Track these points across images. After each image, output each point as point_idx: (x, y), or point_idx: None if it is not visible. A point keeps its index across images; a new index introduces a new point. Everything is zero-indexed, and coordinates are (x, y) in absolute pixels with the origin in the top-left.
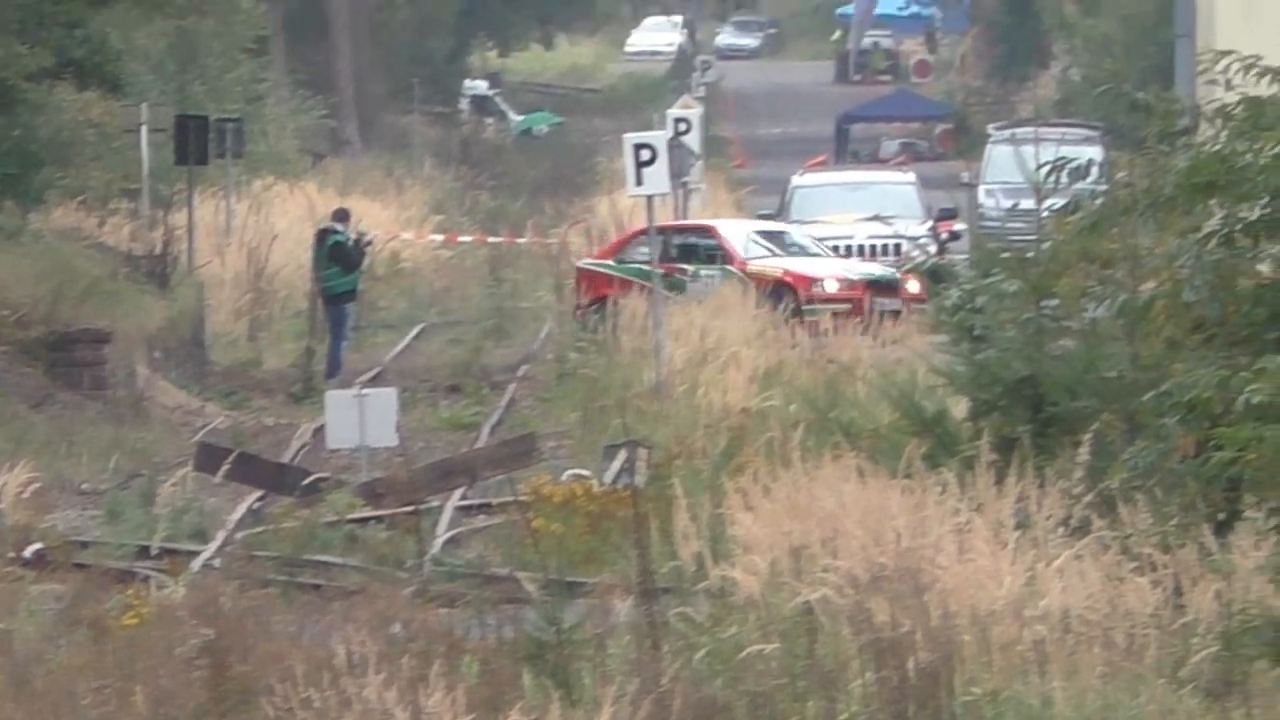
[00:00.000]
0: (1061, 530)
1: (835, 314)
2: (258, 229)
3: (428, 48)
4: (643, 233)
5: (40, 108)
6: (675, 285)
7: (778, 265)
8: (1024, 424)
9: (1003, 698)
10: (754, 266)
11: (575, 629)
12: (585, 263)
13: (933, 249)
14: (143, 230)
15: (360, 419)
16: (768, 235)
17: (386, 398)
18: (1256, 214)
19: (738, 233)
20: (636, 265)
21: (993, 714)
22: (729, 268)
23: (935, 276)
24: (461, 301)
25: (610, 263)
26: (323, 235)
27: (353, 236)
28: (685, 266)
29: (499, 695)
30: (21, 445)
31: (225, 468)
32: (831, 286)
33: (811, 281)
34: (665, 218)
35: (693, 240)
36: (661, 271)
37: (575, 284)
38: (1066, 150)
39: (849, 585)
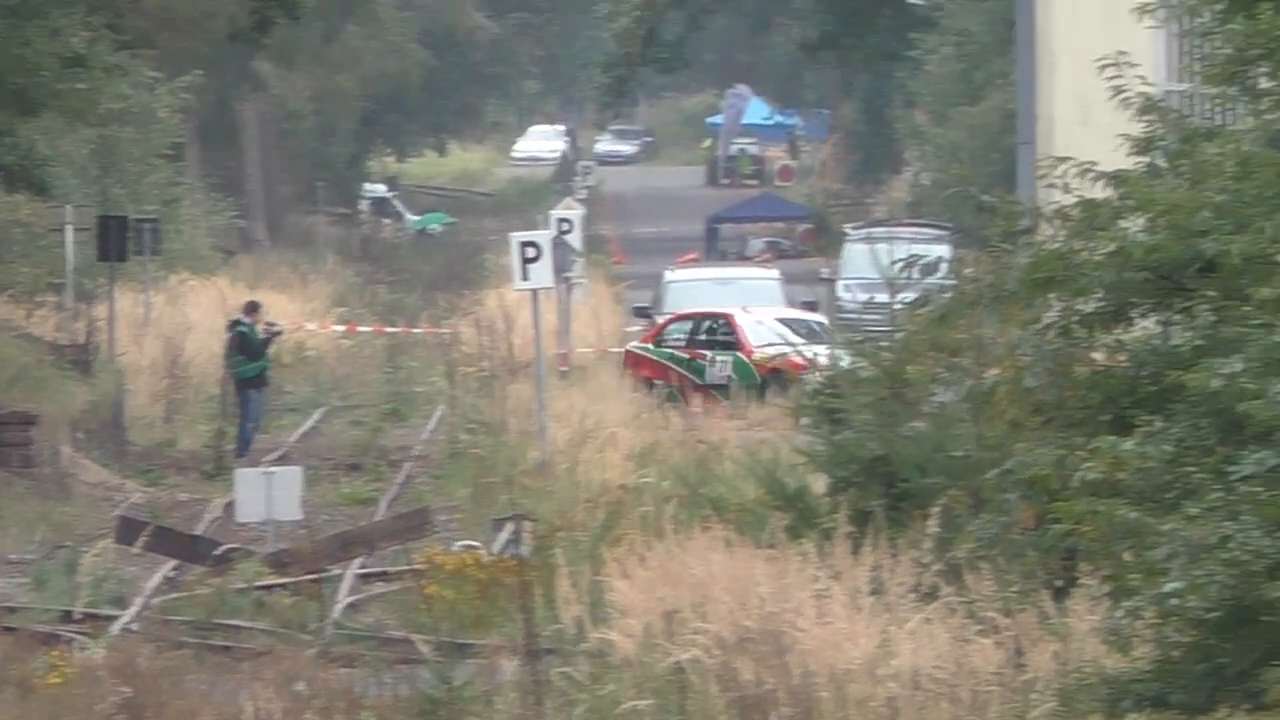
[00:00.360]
0: (912, 596)
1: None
2: (173, 320)
3: (330, 154)
4: (679, 318)
5: None
6: (696, 370)
7: (778, 353)
8: (878, 499)
9: None
10: (758, 354)
11: (465, 687)
12: (632, 346)
13: (796, 339)
14: (67, 321)
15: (267, 494)
16: (793, 323)
17: (292, 475)
18: (1092, 307)
19: (755, 321)
20: (669, 350)
21: None
22: (739, 354)
23: None
24: (361, 386)
25: (650, 347)
26: (231, 326)
27: (261, 327)
28: (705, 352)
29: None
30: None
31: (143, 539)
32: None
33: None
34: (550, 311)
35: (712, 326)
36: (687, 356)
37: (624, 363)
38: (917, 248)
39: (717, 646)
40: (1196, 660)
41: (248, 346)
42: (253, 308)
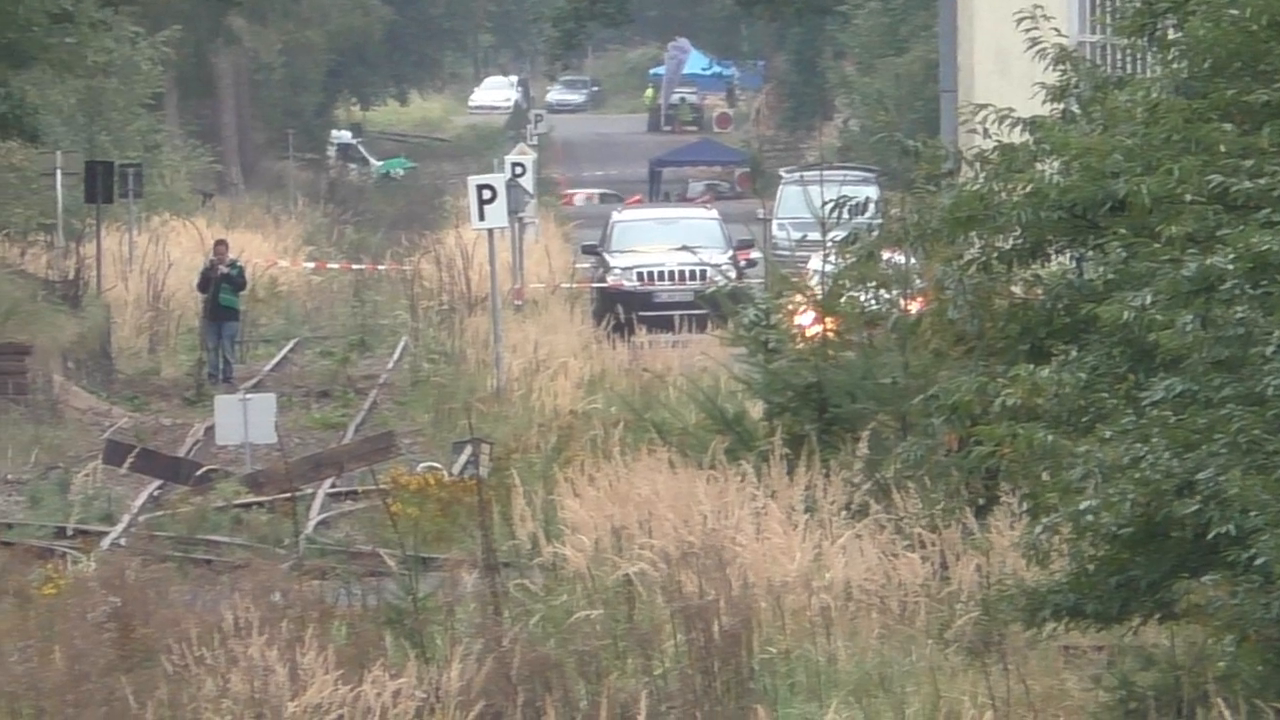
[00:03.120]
0: (844, 513)
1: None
2: (155, 258)
3: (299, 103)
4: None
5: None
6: None
7: None
8: (811, 423)
9: (794, 656)
10: None
11: (429, 598)
12: None
13: (733, 274)
14: (57, 259)
15: (244, 419)
16: None
17: (267, 401)
18: (1010, 244)
19: None
20: None
21: (785, 670)
22: None
23: (734, 297)
24: (330, 320)
25: None
26: (230, 265)
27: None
28: None
29: (364, 654)
30: None
31: (130, 461)
32: None
33: None
34: (504, 249)
35: None
36: None
37: None
38: (847, 190)
39: (662, 560)
40: (1110, 573)
41: (241, 282)
42: (224, 246)
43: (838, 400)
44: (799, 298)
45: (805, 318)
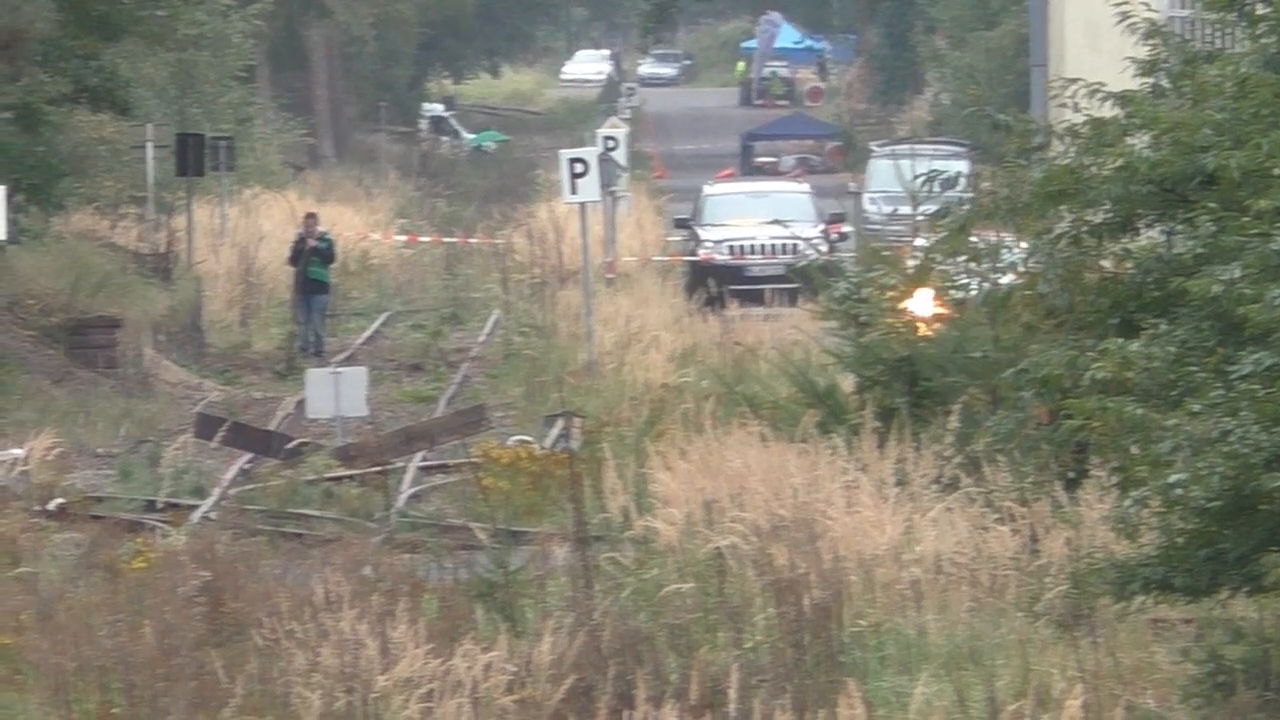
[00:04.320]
0: (934, 487)
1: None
2: (247, 231)
3: (392, 76)
4: None
5: (61, 127)
6: None
7: None
8: (902, 397)
9: (884, 629)
10: None
11: (520, 571)
12: None
13: (824, 248)
14: (148, 232)
15: (335, 393)
16: None
17: (358, 374)
18: (1100, 218)
19: None
20: None
21: (875, 643)
22: None
23: (826, 271)
24: (421, 293)
25: None
26: (320, 238)
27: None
28: None
29: (455, 628)
30: (45, 416)
31: (220, 434)
32: None
33: None
34: (597, 223)
35: None
36: None
37: None
38: (938, 164)
39: (753, 534)
40: (1199, 546)
41: (331, 255)
42: (314, 220)
43: (928, 374)
44: (894, 278)
45: (918, 303)
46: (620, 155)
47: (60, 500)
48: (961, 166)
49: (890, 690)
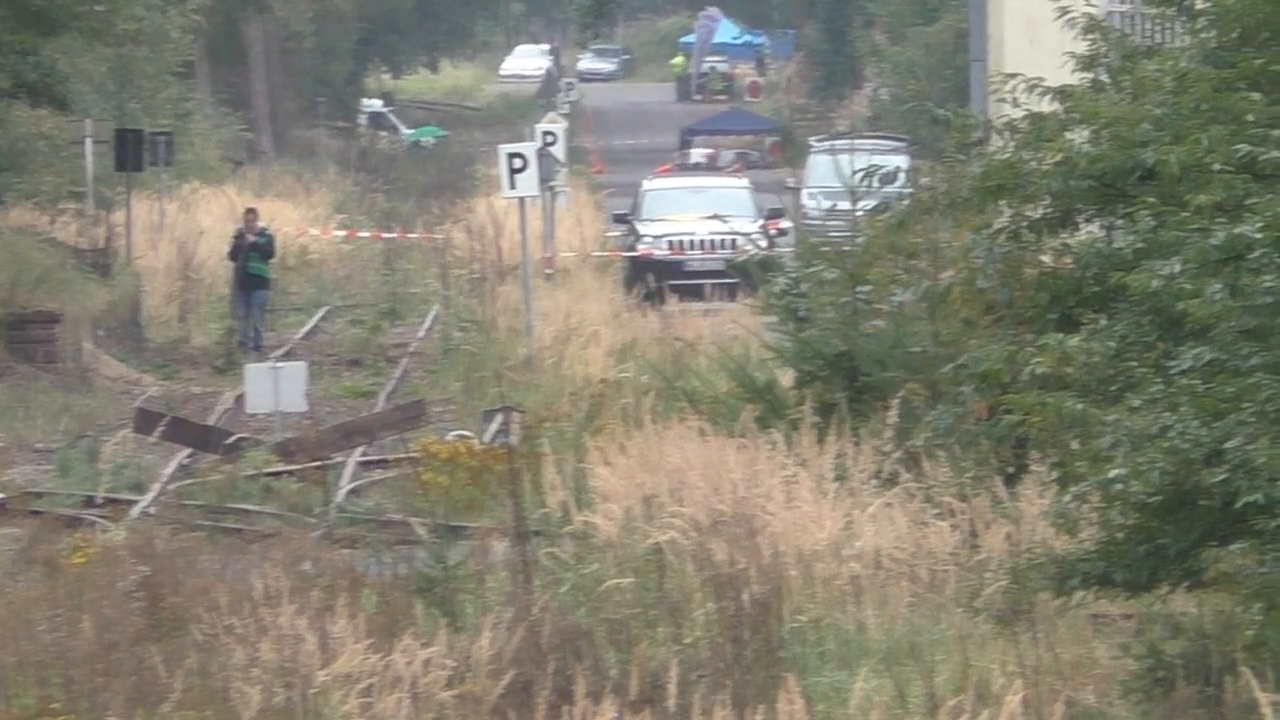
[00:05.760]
0: (874, 482)
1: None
2: (186, 226)
3: (330, 71)
4: None
5: None
6: None
7: None
8: (841, 391)
9: (824, 624)
10: None
11: (459, 566)
12: None
13: (763, 243)
14: (88, 227)
15: (275, 387)
16: None
17: (297, 369)
18: (1040, 213)
19: None
20: None
21: (815, 638)
22: None
23: (765, 266)
24: (361, 288)
25: None
26: (259, 234)
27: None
28: None
29: (394, 623)
30: None
31: (160, 429)
32: None
33: None
34: (536, 218)
35: None
36: None
37: None
38: (877, 159)
39: (693, 529)
40: (1139, 541)
41: (271, 250)
42: (254, 215)
43: (868, 369)
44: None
45: None
46: (559, 150)
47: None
48: (900, 161)
49: (830, 685)
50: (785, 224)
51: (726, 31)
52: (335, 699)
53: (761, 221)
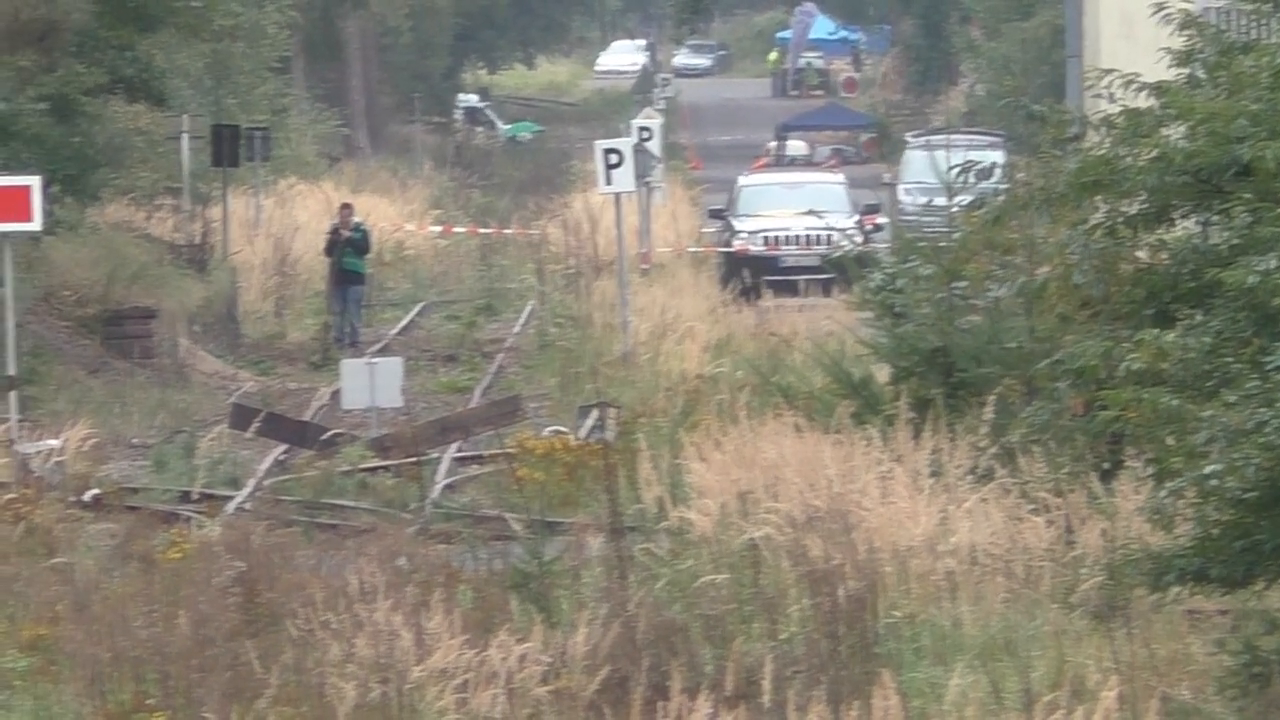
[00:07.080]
0: (969, 478)
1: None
2: (282, 222)
3: (427, 67)
4: None
5: (96, 118)
6: None
7: None
8: (937, 387)
9: (919, 620)
10: None
11: (554, 562)
12: None
13: (859, 239)
14: (184, 223)
15: (371, 383)
16: None
17: (393, 365)
18: (1135, 209)
19: None
20: None
21: (910, 634)
22: None
23: (861, 262)
24: (457, 283)
25: None
26: (355, 229)
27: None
28: None
29: (490, 618)
30: (81, 406)
31: (255, 425)
32: None
33: None
34: (632, 213)
35: None
36: None
37: None
38: (973, 154)
39: (788, 525)
40: (1235, 537)
41: (366, 246)
42: (349, 210)
43: (964, 364)
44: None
45: None
46: (655, 146)
47: (96, 491)
48: (997, 157)
49: (925, 681)
50: (881, 219)
51: (822, 27)
52: (430, 694)
53: (857, 217)
